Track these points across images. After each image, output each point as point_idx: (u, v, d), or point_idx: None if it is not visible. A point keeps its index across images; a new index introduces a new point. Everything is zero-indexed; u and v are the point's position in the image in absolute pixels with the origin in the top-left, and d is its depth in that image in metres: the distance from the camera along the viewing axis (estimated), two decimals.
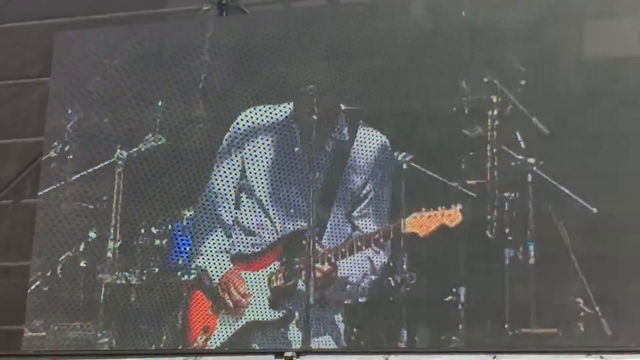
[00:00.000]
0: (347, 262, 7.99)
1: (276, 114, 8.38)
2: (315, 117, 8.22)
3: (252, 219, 8.27)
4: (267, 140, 8.34)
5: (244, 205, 8.31)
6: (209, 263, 8.30)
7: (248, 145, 8.39)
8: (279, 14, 8.91)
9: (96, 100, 8.80)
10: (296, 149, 8.26)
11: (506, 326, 7.55)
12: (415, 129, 8.05)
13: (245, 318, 8.14)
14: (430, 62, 8.09)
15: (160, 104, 8.64)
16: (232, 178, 8.39)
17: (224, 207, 8.36)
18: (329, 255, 8.01)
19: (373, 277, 7.93)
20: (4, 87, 9.55)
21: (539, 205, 7.67)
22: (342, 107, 8.21)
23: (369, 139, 8.16)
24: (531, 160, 7.72)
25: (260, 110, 8.44)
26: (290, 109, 8.35)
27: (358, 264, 7.97)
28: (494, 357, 7.40)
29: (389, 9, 8.31)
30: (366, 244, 7.98)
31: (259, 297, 8.16)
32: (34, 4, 9.67)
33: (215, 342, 8.18)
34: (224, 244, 8.31)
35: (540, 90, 7.84)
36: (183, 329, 8.25)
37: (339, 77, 8.25)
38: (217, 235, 8.33)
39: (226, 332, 8.17)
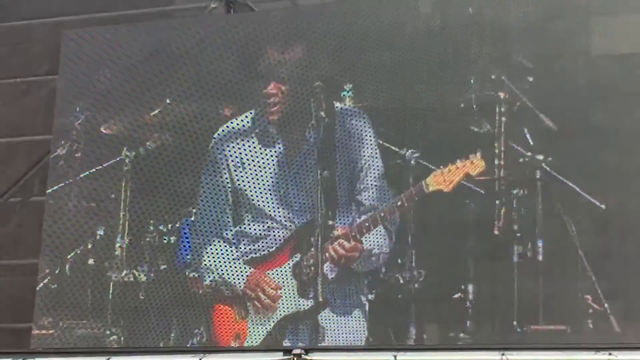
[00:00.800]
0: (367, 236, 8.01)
1: (245, 121, 8.39)
2: (322, 113, 8.21)
3: (257, 226, 8.27)
4: (249, 145, 8.35)
5: (244, 216, 8.31)
6: (226, 274, 8.29)
7: (231, 155, 8.39)
8: (286, 11, 8.90)
9: (103, 98, 8.80)
10: (279, 146, 8.27)
11: (515, 323, 7.55)
12: (424, 125, 8.03)
13: (277, 315, 8.13)
14: (438, 59, 8.07)
15: (167, 102, 8.65)
16: (223, 190, 8.40)
17: (223, 223, 8.36)
18: (354, 233, 7.99)
19: (391, 245, 7.92)
20: (12, 85, 9.57)
21: (548, 202, 7.66)
22: (348, 103, 8.22)
23: (347, 117, 8.16)
24: (539, 156, 7.71)
25: (232, 122, 8.44)
26: (251, 112, 8.36)
27: (377, 234, 7.97)
28: (503, 354, 7.38)
29: (396, 6, 8.30)
30: (390, 212, 7.97)
31: (287, 292, 8.15)
32: (42, 2, 9.68)
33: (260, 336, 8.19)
34: (236, 253, 8.30)
35: (548, 87, 7.83)
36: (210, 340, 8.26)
37: (346, 73, 8.24)
38: (225, 247, 8.33)
39: (259, 333, 8.17)
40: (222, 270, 8.28)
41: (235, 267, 8.27)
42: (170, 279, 8.37)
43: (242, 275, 8.24)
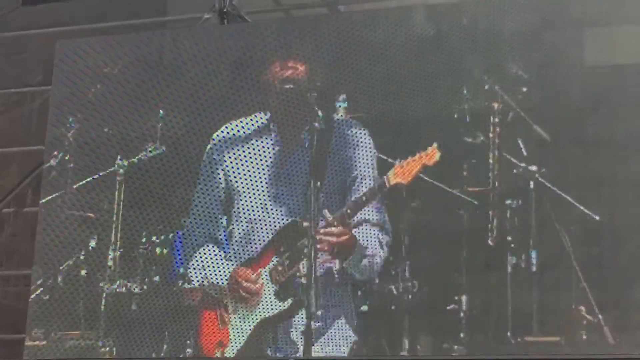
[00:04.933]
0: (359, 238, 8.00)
1: (252, 122, 8.38)
2: (317, 124, 8.20)
3: (245, 226, 8.26)
4: (245, 147, 8.35)
5: (236, 215, 8.30)
6: (212, 276, 8.27)
7: (228, 155, 8.38)
8: (280, 23, 8.90)
9: (97, 109, 8.81)
10: (277, 148, 8.27)
11: (508, 334, 7.53)
12: (417, 136, 8.03)
13: (255, 318, 8.10)
14: (431, 69, 8.07)
15: (161, 112, 8.64)
16: (217, 192, 8.38)
17: (215, 222, 8.34)
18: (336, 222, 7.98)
19: (383, 254, 7.90)
20: (6, 95, 9.58)
21: (541, 213, 7.63)
22: (342, 113, 8.22)
23: (345, 127, 8.17)
24: (533, 167, 7.70)
25: (236, 122, 8.44)
26: (265, 116, 8.36)
27: (369, 240, 7.96)
28: None
29: (390, 17, 8.30)
30: (355, 209, 7.95)
31: (265, 295, 8.12)
32: (36, 13, 9.68)
33: (231, 352, 8.15)
34: (222, 255, 8.29)
35: (542, 97, 7.82)
36: (196, 350, 8.23)
37: (339, 84, 8.24)
38: (212, 250, 8.31)
39: (240, 339, 8.14)
40: (210, 273, 8.27)
41: (223, 268, 8.25)
42: (163, 290, 8.36)
43: (226, 275, 8.24)
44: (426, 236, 7.88)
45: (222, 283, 8.24)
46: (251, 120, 8.40)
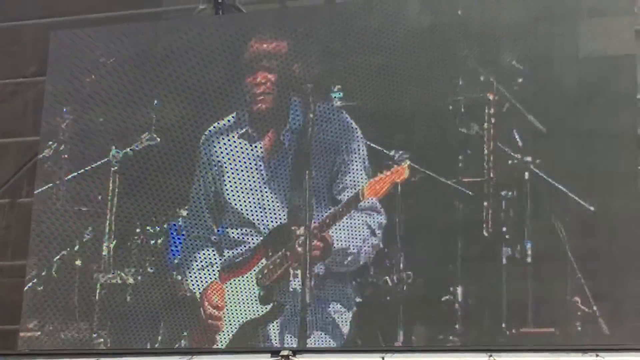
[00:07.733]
0: (342, 234, 8.01)
1: (224, 125, 8.42)
2: (311, 115, 8.20)
3: (234, 230, 8.26)
4: (231, 146, 8.37)
5: (225, 220, 8.30)
6: (199, 276, 8.29)
7: (214, 156, 8.39)
8: (274, 13, 8.88)
9: (91, 100, 8.79)
10: (258, 148, 8.27)
11: (503, 325, 7.54)
12: (412, 127, 8.02)
13: (242, 318, 8.12)
14: (427, 60, 8.07)
15: (155, 103, 8.62)
16: (210, 191, 8.41)
17: (206, 225, 8.35)
18: (315, 231, 8.02)
19: (374, 241, 7.91)
20: (0, 86, 9.53)
21: (536, 204, 7.65)
22: (337, 104, 8.22)
23: (324, 115, 8.18)
24: (528, 158, 7.71)
25: (218, 123, 8.46)
26: (233, 117, 8.40)
27: (355, 232, 7.98)
28: (490, 356, 7.38)
29: (384, 8, 8.29)
30: (333, 219, 8.01)
31: (249, 297, 8.14)
32: (30, 4, 9.65)
33: (223, 342, 8.19)
34: (213, 258, 8.29)
35: (536, 88, 7.83)
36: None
37: (334, 75, 8.23)
38: (211, 252, 8.32)
39: (229, 332, 8.17)
40: (199, 273, 8.29)
41: (207, 273, 8.28)
42: (157, 281, 8.35)
43: (204, 283, 8.28)
44: (421, 227, 7.88)
45: (194, 287, 8.29)
46: (232, 118, 8.42)
